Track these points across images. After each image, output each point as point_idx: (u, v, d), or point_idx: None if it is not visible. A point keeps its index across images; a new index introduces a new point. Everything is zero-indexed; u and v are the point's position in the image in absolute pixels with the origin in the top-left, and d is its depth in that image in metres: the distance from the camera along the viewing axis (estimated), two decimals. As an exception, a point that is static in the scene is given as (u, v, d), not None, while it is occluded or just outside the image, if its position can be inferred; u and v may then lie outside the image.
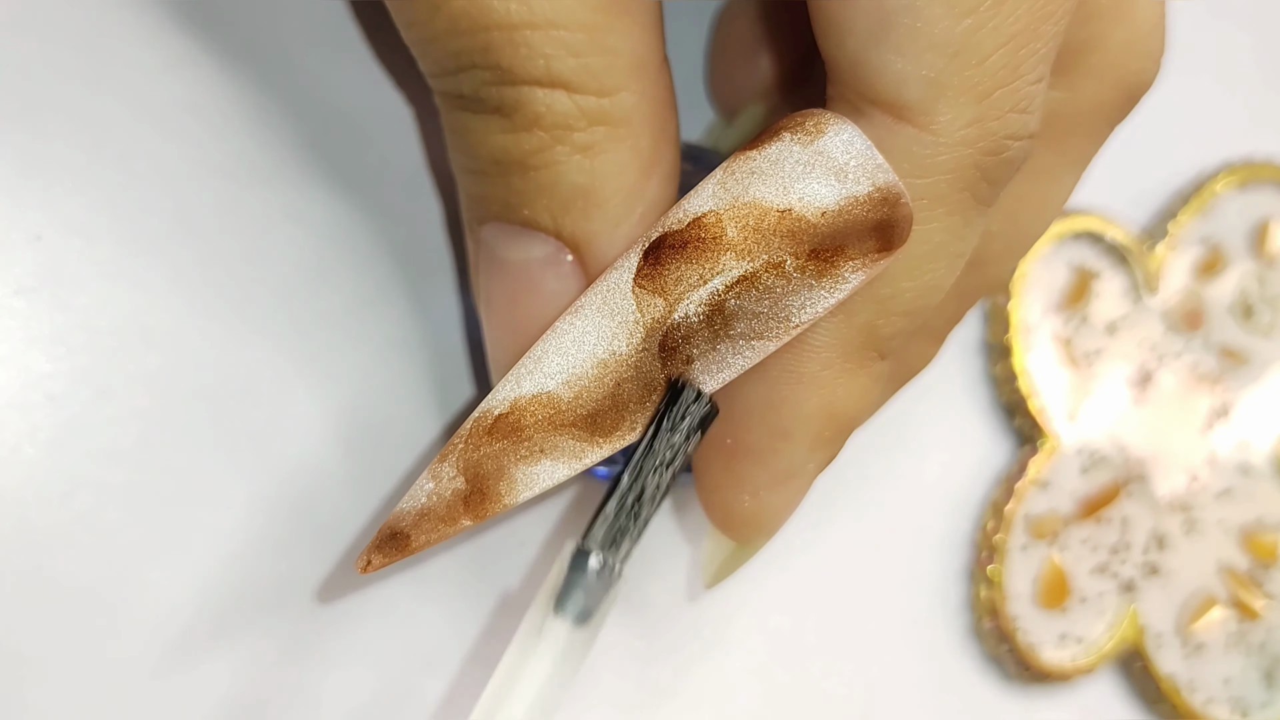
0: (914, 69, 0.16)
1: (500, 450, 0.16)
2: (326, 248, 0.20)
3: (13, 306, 0.18)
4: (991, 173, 0.17)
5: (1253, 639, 0.27)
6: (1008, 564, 0.26)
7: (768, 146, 0.16)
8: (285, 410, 0.20)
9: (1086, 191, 0.25)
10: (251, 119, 0.20)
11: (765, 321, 0.16)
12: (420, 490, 0.17)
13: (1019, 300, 0.26)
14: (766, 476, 0.18)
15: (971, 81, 0.16)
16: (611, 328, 0.16)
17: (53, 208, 0.19)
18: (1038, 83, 0.16)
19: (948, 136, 0.16)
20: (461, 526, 0.17)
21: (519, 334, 0.17)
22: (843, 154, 0.16)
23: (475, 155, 0.17)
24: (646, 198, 0.17)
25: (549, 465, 0.17)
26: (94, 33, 0.19)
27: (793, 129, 0.16)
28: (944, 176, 0.16)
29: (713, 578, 0.20)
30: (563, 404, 0.16)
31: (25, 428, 0.18)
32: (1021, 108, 0.16)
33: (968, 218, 0.17)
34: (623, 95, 0.16)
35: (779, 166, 0.16)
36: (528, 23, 0.15)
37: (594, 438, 0.17)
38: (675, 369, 0.17)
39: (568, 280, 0.17)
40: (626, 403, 0.17)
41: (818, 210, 0.16)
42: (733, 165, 0.16)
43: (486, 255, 0.18)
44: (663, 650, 0.23)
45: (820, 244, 0.16)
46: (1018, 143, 0.16)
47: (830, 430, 0.18)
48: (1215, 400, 0.28)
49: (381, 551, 0.17)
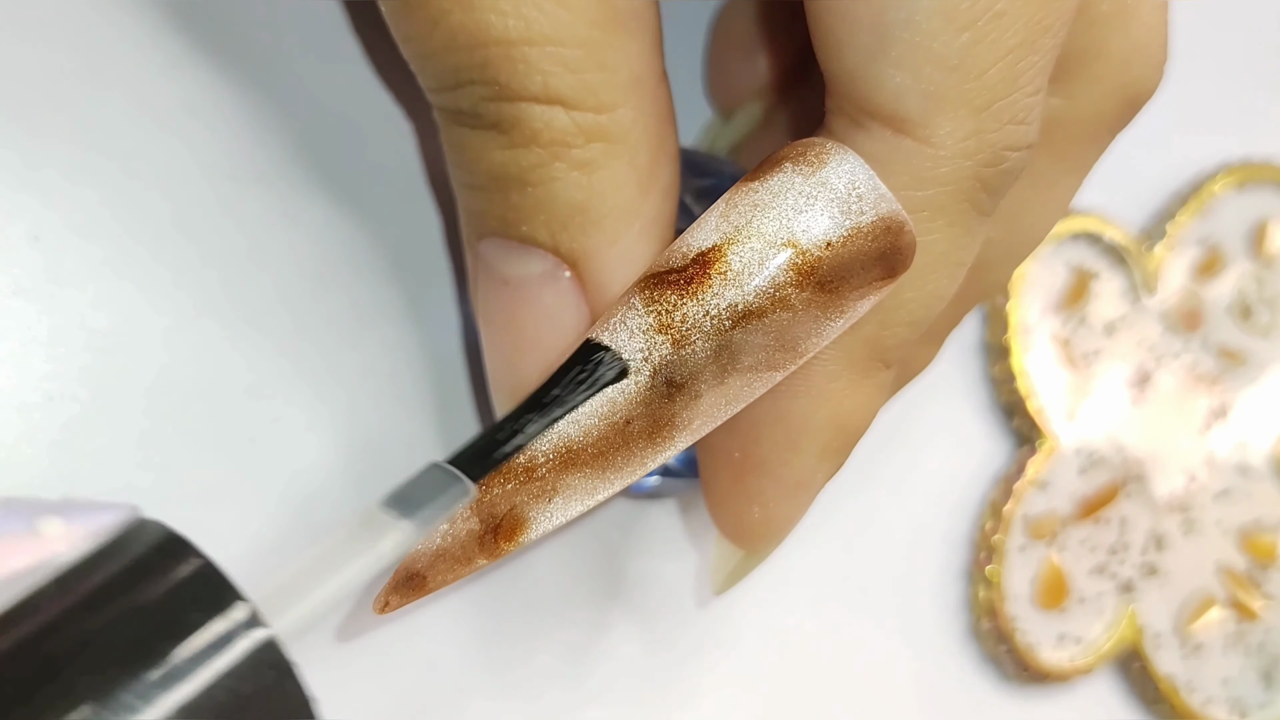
0: (913, 83, 0.16)
1: (512, 491, 0.16)
2: (326, 251, 0.20)
3: (11, 307, 0.18)
4: (991, 183, 0.17)
5: (1251, 639, 0.27)
6: (1006, 564, 0.26)
7: (770, 178, 0.16)
8: (284, 413, 0.20)
9: (1085, 192, 0.25)
10: (251, 122, 0.20)
11: (772, 353, 0.16)
12: (435, 531, 0.16)
13: (1017, 301, 0.26)
14: (776, 488, 0.18)
15: (970, 95, 0.16)
16: (619, 366, 0.16)
17: (51, 208, 0.19)
18: (1035, 94, 0.16)
19: (947, 149, 0.16)
20: (477, 566, 0.17)
21: (518, 349, 0.17)
22: (845, 185, 0.16)
23: (473, 171, 0.17)
24: (645, 213, 0.17)
25: (561, 503, 0.17)
26: (93, 33, 0.19)
27: (794, 159, 0.16)
28: (944, 188, 0.16)
29: (721, 584, 0.20)
30: (573, 444, 0.16)
31: (24, 428, 0.18)
32: (1020, 119, 0.16)
33: (968, 228, 0.17)
34: (621, 111, 0.16)
35: (781, 199, 0.16)
36: (526, 39, 0.15)
37: (605, 475, 0.17)
38: (684, 404, 0.16)
39: (565, 296, 0.17)
40: (636, 439, 0.16)
41: (822, 243, 0.16)
42: (734, 198, 0.16)
43: (484, 270, 0.18)
44: (665, 650, 0.23)
45: (825, 276, 0.16)
46: (1016, 153, 0.17)
47: (839, 441, 0.18)
48: (1214, 401, 0.28)
49: (399, 593, 0.17)
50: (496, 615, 0.22)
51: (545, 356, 0.17)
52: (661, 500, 0.23)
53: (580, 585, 0.22)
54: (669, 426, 0.16)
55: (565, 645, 0.22)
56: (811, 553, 0.25)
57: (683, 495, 0.23)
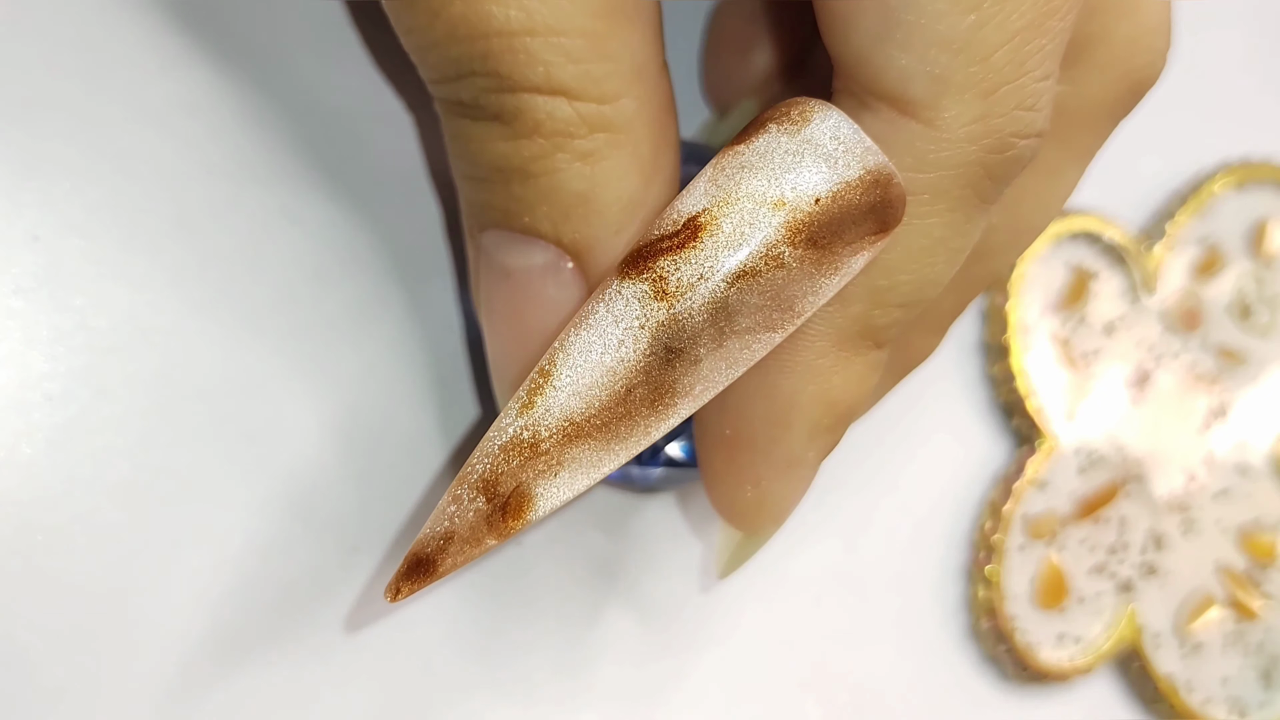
0: (918, 65, 0.16)
1: (518, 468, 0.16)
2: (326, 248, 0.20)
3: (10, 306, 0.18)
4: (996, 170, 0.17)
5: (1250, 639, 0.27)
6: (1006, 564, 0.26)
7: (755, 139, 0.16)
8: (285, 410, 0.20)
9: (1085, 192, 0.25)
10: (251, 120, 0.20)
11: (769, 314, 0.16)
12: (443, 514, 0.16)
13: (1017, 300, 0.26)
14: (768, 466, 0.18)
15: (976, 78, 0.16)
16: (617, 335, 0.16)
17: (50, 208, 0.19)
18: (1044, 79, 0.16)
19: (952, 133, 0.16)
20: (487, 546, 0.16)
21: (520, 341, 0.17)
22: (830, 140, 0.16)
23: (475, 162, 0.17)
24: (648, 204, 0.17)
25: (568, 477, 0.16)
26: (92, 32, 0.19)
27: (778, 120, 0.16)
28: (947, 172, 0.16)
29: (725, 568, 0.20)
30: (576, 416, 0.16)
31: (23, 427, 0.18)
32: (1028, 105, 0.16)
33: (969, 214, 0.17)
34: (623, 102, 0.16)
35: (768, 158, 0.16)
36: (527, 29, 0.15)
37: (610, 446, 0.16)
38: (685, 370, 0.16)
39: (569, 288, 0.17)
40: (639, 408, 0.16)
41: (810, 198, 0.16)
42: (722, 161, 0.16)
43: (487, 262, 0.18)
44: (663, 649, 0.23)
45: (816, 232, 0.16)
46: (1024, 141, 0.16)
47: (829, 418, 0.18)
48: (1213, 400, 0.28)
49: (410, 579, 0.16)
50: (495, 610, 0.22)
51: (547, 348, 0.17)
52: (661, 494, 0.23)
53: (579, 582, 0.22)
54: (670, 393, 0.16)
55: (565, 640, 0.22)
56: (811, 552, 0.25)
57: (683, 489, 0.23)
